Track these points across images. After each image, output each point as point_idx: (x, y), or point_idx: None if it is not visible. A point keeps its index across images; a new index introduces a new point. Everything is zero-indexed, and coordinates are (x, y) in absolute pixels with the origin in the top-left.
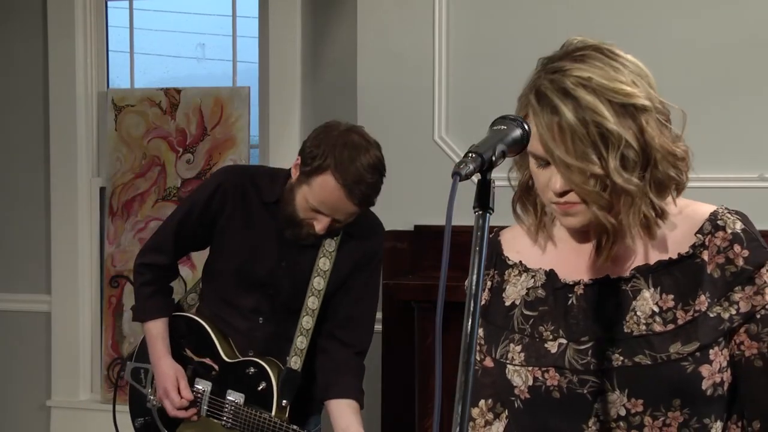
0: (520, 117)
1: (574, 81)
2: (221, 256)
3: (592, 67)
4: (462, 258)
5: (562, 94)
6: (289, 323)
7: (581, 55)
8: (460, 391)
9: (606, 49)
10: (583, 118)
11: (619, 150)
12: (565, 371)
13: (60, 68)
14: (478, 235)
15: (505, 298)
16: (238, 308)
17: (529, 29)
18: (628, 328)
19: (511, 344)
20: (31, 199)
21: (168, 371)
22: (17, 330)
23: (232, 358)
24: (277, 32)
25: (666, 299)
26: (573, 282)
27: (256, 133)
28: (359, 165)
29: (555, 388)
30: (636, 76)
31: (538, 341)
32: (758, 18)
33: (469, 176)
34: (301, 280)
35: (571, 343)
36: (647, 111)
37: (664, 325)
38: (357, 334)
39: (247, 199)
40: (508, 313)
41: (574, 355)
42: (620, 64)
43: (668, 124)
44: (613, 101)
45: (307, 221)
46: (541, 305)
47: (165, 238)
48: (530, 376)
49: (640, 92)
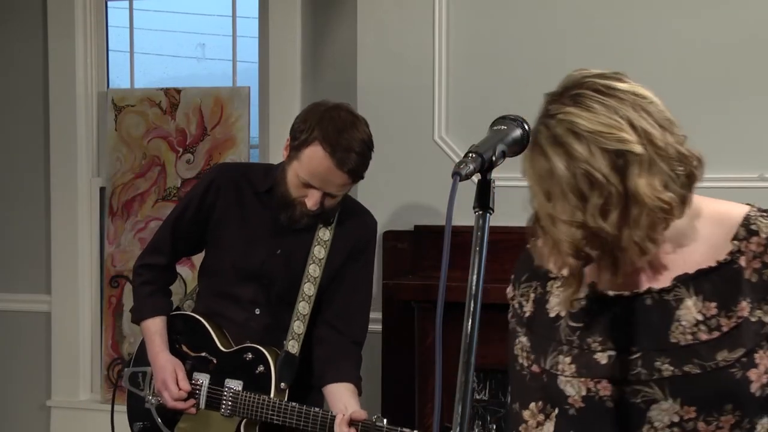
0: (520, 117)
1: (564, 128)
2: (217, 250)
3: (585, 111)
4: (462, 258)
5: (553, 142)
6: (286, 314)
7: (576, 95)
8: (460, 391)
9: (601, 85)
10: (572, 168)
11: (602, 196)
12: (617, 382)
13: (60, 68)
14: (478, 235)
15: (549, 309)
16: (234, 300)
17: (529, 29)
18: (675, 338)
19: (561, 356)
20: (31, 199)
21: (166, 364)
22: (17, 330)
23: (229, 349)
24: (277, 32)
25: (709, 307)
26: (615, 294)
27: (256, 133)
28: (347, 136)
29: (608, 398)
30: (633, 111)
31: (587, 352)
32: (758, 18)
33: (469, 176)
34: (296, 268)
35: (620, 354)
36: (637, 156)
37: (709, 332)
38: (353, 323)
39: (241, 191)
40: (554, 324)
41: (625, 366)
42: (617, 101)
43: (661, 160)
44: (605, 148)
45: (300, 200)
46: (586, 317)
47: (162, 238)
48: (583, 387)
49: (633, 136)
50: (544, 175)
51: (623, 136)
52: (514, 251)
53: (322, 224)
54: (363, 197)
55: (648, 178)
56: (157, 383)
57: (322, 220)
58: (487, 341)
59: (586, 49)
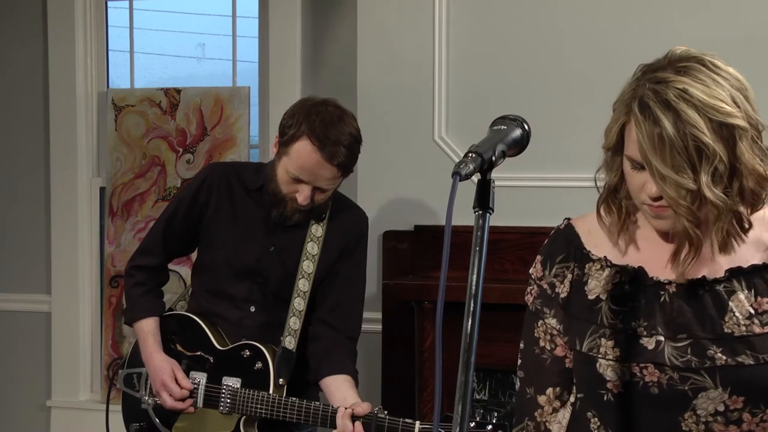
0: (520, 117)
1: (676, 94)
2: (210, 249)
3: (695, 81)
4: (462, 258)
5: (664, 106)
6: (281, 312)
7: (684, 67)
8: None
9: (709, 62)
10: (684, 132)
11: (713, 165)
12: (665, 368)
13: (60, 68)
14: (478, 235)
15: (588, 291)
16: (229, 298)
17: (529, 29)
18: (729, 329)
19: (602, 339)
20: (31, 199)
21: (163, 365)
22: (17, 330)
23: (225, 347)
24: (277, 32)
25: (761, 302)
26: (665, 280)
27: (256, 133)
28: (335, 130)
29: (654, 384)
30: (736, 92)
31: (632, 336)
32: (758, 17)
33: (469, 176)
34: (290, 264)
35: (668, 340)
36: (743, 130)
37: (762, 326)
38: (347, 319)
39: (232, 189)
40: (593, 306)
41: (673, 352)
42: (723, 79)
43: (759, 140)
44: (713, 119)
45: (291, 195)
46: (631, 301)
47: (154, 238)
48: (627, 371)
49: (739, 112)
50: (653, 138)
51: (730, 110)
52: (514, 251)
53: (314, 220)
54: (363, 197)
55: (751, 153)
56: (155, 385)
57: (314, 217)
58: (487, 341)
59: (586, 48)
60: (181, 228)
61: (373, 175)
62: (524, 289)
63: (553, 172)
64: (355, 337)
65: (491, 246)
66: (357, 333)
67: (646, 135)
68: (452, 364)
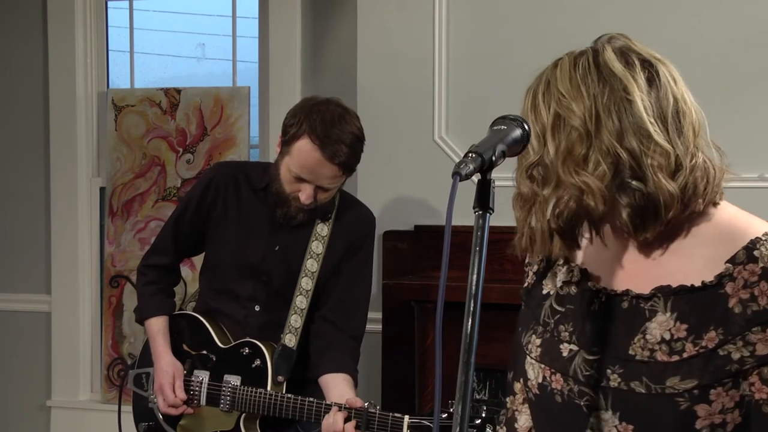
0: (520, 117)
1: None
2: (216, 248)
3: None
4: (462, 258)
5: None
6: (284, 311)
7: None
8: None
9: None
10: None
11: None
12: (568, 379)
13: (60, 68)
14: (478, 235)
15: (544, 285)
16: (234, 297)
17: (529, 29)
18: (633, 351)
19: (534, 336)
20: (31, 199)
21: (167, 368)
22: (17, 330)
23: (227, 345)
24: (277, 32)
25: (679, 328)
26: (597, 288)
27: (256, 133)
28: (337, 129)
29: (557, 393)
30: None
31: (556, 340)
32: (758, 17)
33: (470, 176)
34: (294, 263)
35: (582, 350)
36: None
37: (669, 355)
38: (350, 318)
39: (239, 188)
40: (541, 302)
41: (581, 364)
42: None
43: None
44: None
45: (294, 195)
46: (570, 303)
47: (164, 238)
48: (541, 373)
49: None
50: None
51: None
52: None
53: (319, 219)
54: (363, 197)
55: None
56: (155, 385)
57: (319, 216)
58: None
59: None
60: (190, 227)
61: (373, 175)
62: None
63: None
64: (359, 337)
65: (491, 246)
66: (361, 332)
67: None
68: (452, 364)
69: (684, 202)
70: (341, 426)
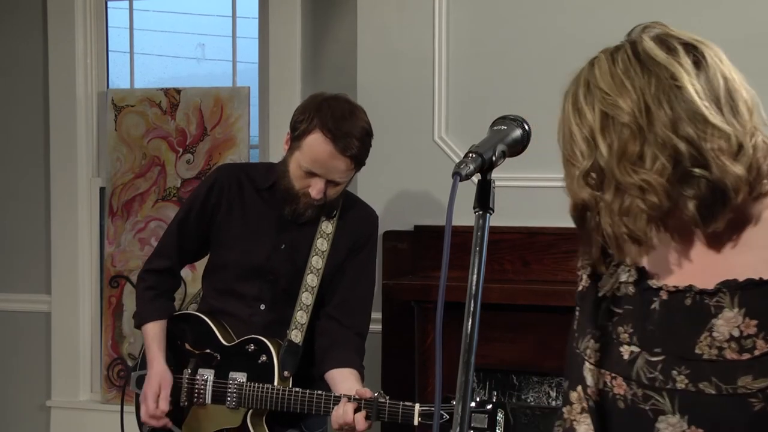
0: (520, 117)
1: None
2: (221, 249)
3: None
4: (462, 258)
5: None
6: (290, 310)
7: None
8: (460, 391)
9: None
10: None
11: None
12: (631, 383)
13: (60, 68)
14: (478, 235)
15: (599, 288)
16: (239, 297)
17: (529, 29)
18: (700, 349)
19: (592, 340)
20: (31, 199)
21: (154, 377)
22: (17, 330)
23: (231, 342)
24: (277, 32)
25: (749, 324)
26: (657, 286)
27: (256, 133)
28: (347, 123)
29: (620, 398)
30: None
31: (615, 343)
32: (758, 17)
33: (470, 176)
34: (300, 261)
35: (644, 352)
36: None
37: (739, 353)
38: (355, 316)
39: (243, 190)
40: (598, 305)
41: (644, 366)
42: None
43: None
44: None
45: (304, 191)
46: (628, 304)
47: (167, 241)
48: (601, 379)
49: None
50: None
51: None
52: (514, 251)
53: (324, 217)
54: (363, 197)
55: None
56: (141, 393)
57: (324, 213)
58: (487, 341)
59: (586, 48)
60: (195, 229)
61: (373, 175)
62: (524, 289)
63: (552, 172)
64: (364, 334)
65: (491, 246)
66: (365, 329)
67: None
68: (452, 364)
69: (750, 184)
70: (351, 416)
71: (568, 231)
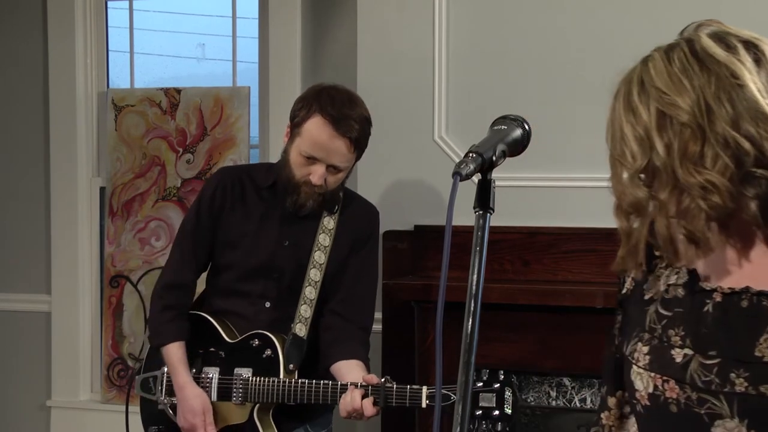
0: (520, 117)
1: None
2: (225, 249)
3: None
4: (462, 258)
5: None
6: (294, 306)
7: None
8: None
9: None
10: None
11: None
12: (684, 386)
13: (60, 68)
14: (479, 235)
15: (645, 290)
16: (244, 296)
17: (529, 29)
18: (760, 352)
19: (640, 343)
20: (31, 199)
21: (194, 403)
22: (17, 330)
23: (235, 339)
24: (277, 32)
25: None
26: (710, 288)
27: (256, 134)
28: (346, 108)
29: (673, 402)
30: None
31: (666, 346)
32: (759, 17)
33: (470, 176)
34: (303, 256)
35: (697, 355)
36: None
37: None
38: (358, 310)
39: (244, 189)
40: (644, 307)
41: (698, 369)
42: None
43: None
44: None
45: (305, 179)
46: (678, 306)
47: (184, 252)
48: (651, 382)
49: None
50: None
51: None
52: (514, 251)
53: (326, 213)
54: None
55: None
56: (184, 422)
57: (326, 208)
58: (487, 341)
59: (586, 48)
60: (208, 234)
61: (373, 175)
62: (524, 289)
63: (553, 172)
64: (368, 328)
65: (491, 246)
66: (369, 324)
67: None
68: (452, 364)
69: None
70: (359, 402)
71: (568, 231)
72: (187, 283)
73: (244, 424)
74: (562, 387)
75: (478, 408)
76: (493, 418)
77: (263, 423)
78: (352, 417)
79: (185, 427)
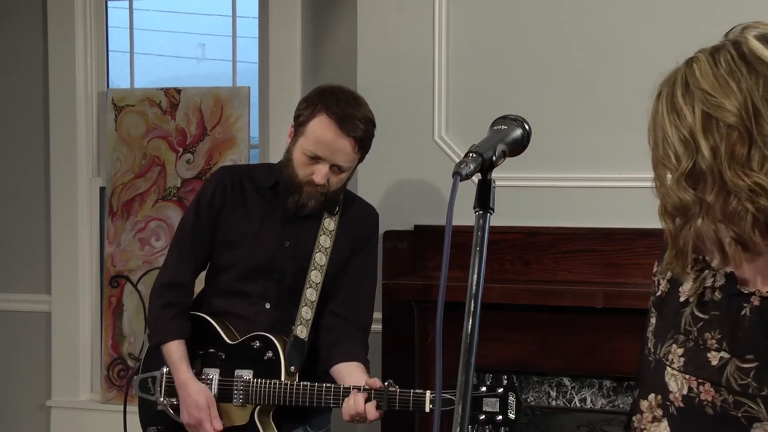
0: (520, 117)
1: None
2: (225, 250)
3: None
4: (462, 258)
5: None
6: (294, 308)
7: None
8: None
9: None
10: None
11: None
12: (720, 389)
13: (60, 68)
14: (479, 235)
15: (681, 292)
16: (244, 297)
17: (529, 29)
18: None
19: (674, 345)
20: (31, 199)
21: (198, 399)
22: (17, 330)
23: (235, 341)
24: (277, 32)
25: None
26: (748, 292)
27: (256, 134)
28: (351, 108)
29: (708, 404)
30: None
31: (702, 348)
32: (758, 17)
33: (470, 176)
34: (304, 258)
35: (734, 358)
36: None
37: None
38: (358, 311)
39: (245, 189)
40: (680, 309)
41: (735, 373)
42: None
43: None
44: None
45: (307, 179)
46: (714, 309)
47: (183, 252)
48: (686, 384)
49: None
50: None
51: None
52: (514, 251)
53: (327, 214)
54: (363, 197)
55: None
56: (187, 417)
57: (327, 209)
58: (487, 341)
59: (586, 48)
60: (208, 233)
61: (373, 175)
62: (524, 289)
63: (553, 172)
64: (367, 329)
65: (491, 246)
66: (368, 325)
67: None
68: (452, 364)
69: None
70: (362, 406)
71: (568, 231)
72: (186, 282)
73: (245, 426)
74: (562, 387)
75: (482, 413)
76: (497, 423)
77: (264, 425)
78: (354, 421)
79: (190, 423)
